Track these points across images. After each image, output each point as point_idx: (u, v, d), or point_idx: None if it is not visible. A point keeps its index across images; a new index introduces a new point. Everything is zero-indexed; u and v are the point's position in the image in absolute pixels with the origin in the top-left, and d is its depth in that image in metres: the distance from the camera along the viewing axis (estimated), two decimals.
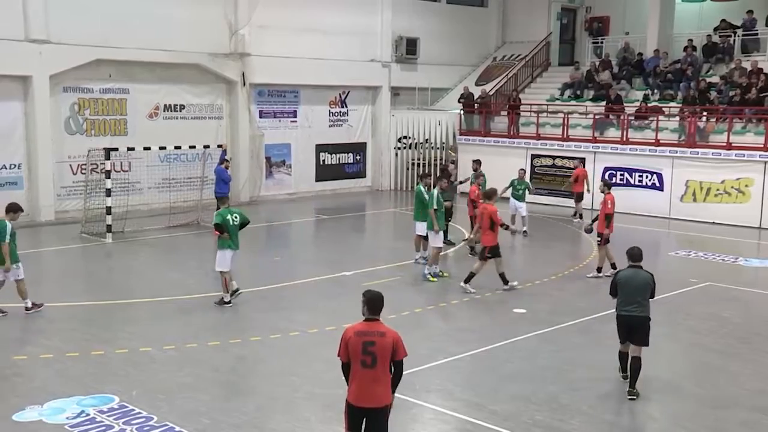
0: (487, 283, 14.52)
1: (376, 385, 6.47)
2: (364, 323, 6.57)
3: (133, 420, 8.30)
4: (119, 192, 19.11)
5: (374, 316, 6.57)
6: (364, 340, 6.45)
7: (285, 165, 25.28)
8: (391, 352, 6.47)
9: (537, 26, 29.64)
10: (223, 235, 12.52)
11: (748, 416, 8.81)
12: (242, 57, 23.11)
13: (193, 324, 11.82)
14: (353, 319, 11.16)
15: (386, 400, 6.54)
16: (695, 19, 28.06)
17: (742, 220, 20.41)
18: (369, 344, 6.44)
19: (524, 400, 9.01)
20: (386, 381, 6.53)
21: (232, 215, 12.68)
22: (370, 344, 6.43)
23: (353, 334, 6.51)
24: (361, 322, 6.60)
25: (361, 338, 6.47)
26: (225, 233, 12.51)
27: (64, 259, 16.62)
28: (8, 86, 19.37)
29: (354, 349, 6.46)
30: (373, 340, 6.44)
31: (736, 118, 21.87)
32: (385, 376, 6.51)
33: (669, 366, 10.68)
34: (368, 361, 6.43)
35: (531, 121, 25.64)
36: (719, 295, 13.99)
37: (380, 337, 6.46)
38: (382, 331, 6.51)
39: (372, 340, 6.44)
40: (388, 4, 26.92)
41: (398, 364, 6.55)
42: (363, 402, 6.50)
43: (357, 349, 6.45)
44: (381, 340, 6.45)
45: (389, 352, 6.46)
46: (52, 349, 10.53)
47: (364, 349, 6.43)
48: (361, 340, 6.46)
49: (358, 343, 6.46)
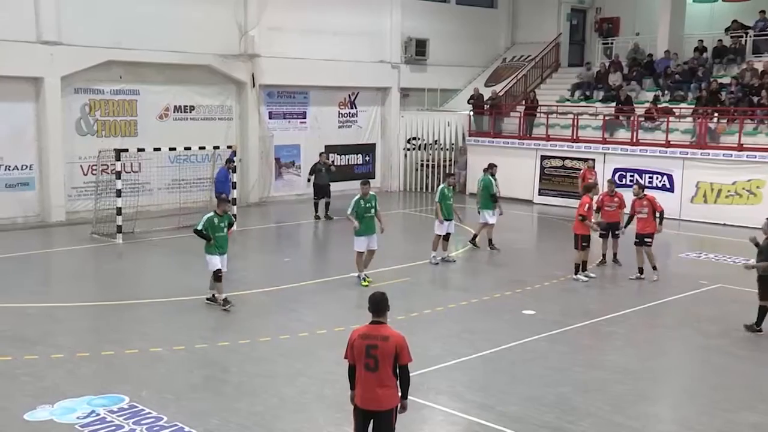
0: (495, 284, 14.50)
1: (379, 388, 6.46)
2: (370, 326, 6.58)
3: (142, 420, 8.33)
4: (129, 193, 19.17)
5: (379, 318, 6.57)
6: (368, 344, 6.46)
7: (294, 166, 25.29)
8: (394, 356, 6.45)
9: (547, 27, 29.53)
10: (209, 242, 12.33)
11: (760, 419, 8.75)
12: (252, 58, 23.15)
13: (202, 324, 11.85)
14: (361, 320, 11.19)
15: (391, 403, 6.51)
16: (706, 19, 27.87)
17: (753, 222, 20.12)
18: (372, 347, 6.44)
19: (534, 402, 8.99)
20: (391, 384, 6.51)
21: (221, 221, 12.44)
22: (373, 347, 6.44)
23: (358, 336, 6.53)
24: (367, 325, 6.62)
25: (364, 341, 6.48)
26: (210, 240, 12.29)
27: (74, 260, 16.68)
28: (20, 87, 19.46)
29: (358, 352, 6.49)
30: (376, 344, 6.44)
31: (747, 119, 21.76)
32: (389, 379, 6.49)
33: (679, 368, 10.65)
34: (371, 365, 6.44)
35: (540, 122, 25.57)
36: (730, 297, 13.91)
37: (383, 341, 6.45)
38: (386, 335, 6.49)
39: (375, 344, 6.44)
40: (397, 5, 26.92)
41: (403, 369, 6.53)
42: (368, 405, 6.52)
43: (361, 352, 6.47)
44: (384, 344, 6.44)
45: (392, 356, 6.44)
46: (62, 349, 10.57)
47: (367, 353, 6.44)
48: (365, 343, 6.47)
49: (362, 347, 6.47)
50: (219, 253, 12.45)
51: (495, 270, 15.94)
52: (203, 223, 12.38)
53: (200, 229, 12.34)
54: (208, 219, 12.41)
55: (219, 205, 12.75)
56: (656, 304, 13.38)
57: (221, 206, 12.73)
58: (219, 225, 12.44)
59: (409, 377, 6.60)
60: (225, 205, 12.90)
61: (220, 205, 12.78)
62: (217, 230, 12.42)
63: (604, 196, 16.03)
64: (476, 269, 15.83)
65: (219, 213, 12.51)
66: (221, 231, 12.48)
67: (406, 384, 6.60)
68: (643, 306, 13.21)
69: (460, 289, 14.28)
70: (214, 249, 12.40)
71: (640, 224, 14.81)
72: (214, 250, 12.40)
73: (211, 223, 12.37)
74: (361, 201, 13.93)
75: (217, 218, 12.44)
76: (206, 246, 12.45)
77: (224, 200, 13.30)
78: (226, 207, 12.88)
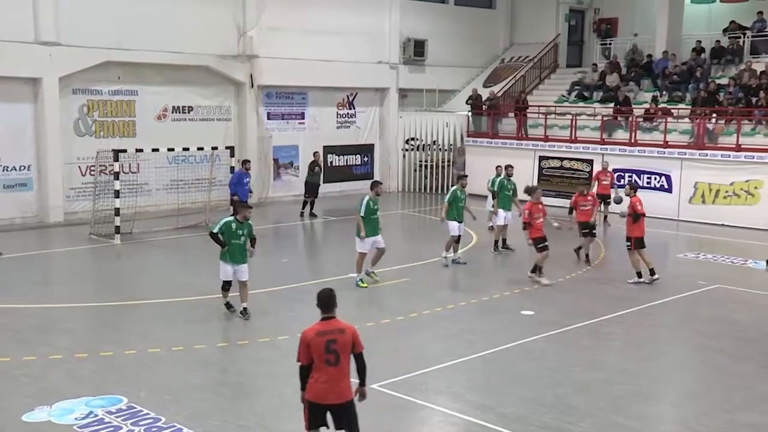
0: (494, 285, 14.51)
1: (341, 381, 6.66)
2: (322, 323, 6.72)
3: (141, 421, 8.31)
4: (128, 193, 19.13)
5: (330, 313, 6.75)
6: (327, 339, 6.60)
7: (293, 167, 25.29)
8: (352, 346, 6.67)
9: (545, 28, 29.57)
10: (223, 248, 11.70)
11: (759, 419, 8.76)
12: (250, 59, 23.15)
13: (201, 325, 11.82)
14: (359, 320, 11.12)
15: (351, 393, 6.74)
16: (705, 20, 27.92)
17: (751, 222, 20.30)
18: (332, 342, 6.60)
19: (533, 402, 8.98)
20: (348, 375, 6.72)
21: (240, 229, 11.68)
22: (332, 342, 6.60)
23: (314, 334, 6.64)
24: (319, 322, 6.74)
25: (323, 338, 6.61)
26: (225, 246, 11.63)
27: (72, 260, 16.66)
28: (18, 88, 19.46)
29: (317, 349, 6.59)
30: (335, 338, 6.61)
31: (745, 120, 21.79)
32: (348, 370, 6.71)
33: (679, 368, 10.65)
34: (332, 359, 6.60)
35: (539, 122, 25.59)
36: (728, 297, 13.92)
37: (341, 334, 6.64)
38: (341, 327, 6.70)
39: (334, 338, 6.61)
40: (396, 5, 26.93)
41: (359, 356, 6.76)
42: (333, 399, 6.65)
43: (320, 349, 6.59)
44: (342, 336, 6.64)
45: (350, 346, 6.66)
46: (61, 349, 10.55)
47: (327, 348, 6.58)
48: (324, 339, 6.60)
49: (321, 343, 6.59)
50: (232, 262, 11.72)
51: (494, 271, 15.93)
52: (220, 226, 11.68)
53: (216, 232, 11.63)
54: (226, 223, 11.65)
55: (239, 211, 11.86)
56: (655, 304, 13.38)
57: (242, 212, 11.80)
58: (236, 232, 11.62)
59: (365, 364, 6.81)
60: (246, 212, 11.84)
61: (240, 211, 11.86)
62: (234, 237, 11.62)
63: (576, 197, 16.51)
64: (475, 270, 15.81)
65: (239, 219, 11.73)
66: (238, 239, 11.64)
67: (364, 371, 6.82)
68: (641, 306, 13.21)
69: (459, 289, 14.26)
70: (226, 256, 11.69)
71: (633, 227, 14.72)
72: (226, 258, 11.71)
73: (228, 228, 11.60)
74: (370, 202, 13.99)
75: (236, 224, 11.64)
76: (220, 252, 11.77)
77: (245, 206, 12.19)
78: (246, 214, 11.81)
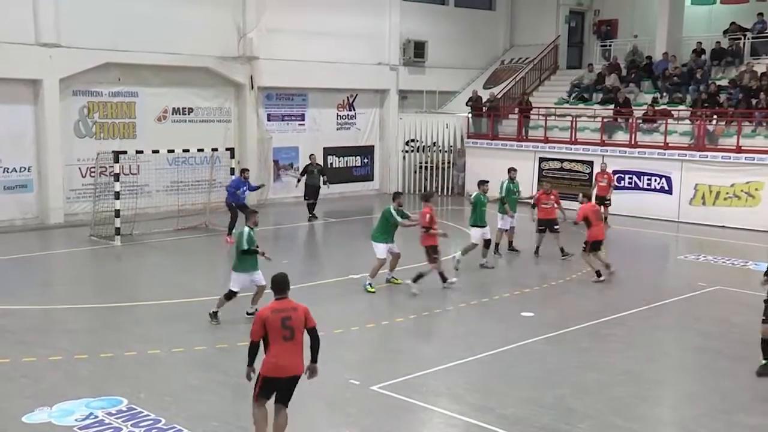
0: (494, 287, 14.51)
1: (296, 355, 7.27)
2: (277, 302, 7.34)
3: (141, 422, 8.32)
4: (128, 195, 19.13)
5: (284, 295, 7.38)
6: (282, 316, 7.20)
7: (293, 168, 25.29)
8: (304, 322, 7.29)
9: (545, 29, 29.56)
10: (260, 255, 11.66)
11: (759, 421, 8.76)
12: (250, 60, 23.16)
13: (201, 326, 11.81)
14: (359, 321, 11.11)
15: (302, 369, 7.36)
16: (705, 21, 27.91)
17: (751, 224, 20.29)
18: (287, 319, 7.21)
19: (533, 404, 8.99)
20: (302, 352, 7.33)
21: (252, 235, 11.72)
22: (287, 319, 7.21)
23: (270, 312, 7.22)
24: (273, 302, 7.36)
25: (278, 315, 7.21)
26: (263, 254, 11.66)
27: (73, 262, 16.66)
28: (19, 90, 19.47)
29: (273, 326, 7.16)
30: (289, 315, 7.23)
31: (745, 122, 21.79)
32: (301, 346, 7.32)
33: (678, 370, 10.65)
34: (288, 335, 7.20)
35: (539, 124, 25.60)
36: (729, 299, 13.92)
37: (294, 312, 7.28)
38: (294, 306, 7.33)
39: (289, 315, 7.23)
40: (396, 7, 26.94)
41: (312, 331, 7.37)
42: (288, 372, 7.24)
43: (276, 325, 7.17)
44: (295, 314, 7.27)
45: (303, 323, 7.29)
46: (61, 351, 10.56)
47: (283, 324, 7.19)
48: (279, 316, 7.20)
49: (277, 320, 7.18)
50: (251, 270, 11.70)
51: (494, 272, 15.92)
52: (247, 240, 11.53)
53: (247, 248, 11.53)
54: (250, 234, 11.61)
55: (250, 218, 11.94)
56: (655, 306, 13.38)
57: (252, 218, 11.91)
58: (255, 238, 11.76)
59: (319, 338, 7.38)
60: (256, 217, 11.99)
61: (250, 217, 11.96)
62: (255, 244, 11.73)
63: (540, 194, 16.86)
64: (475, 271, 15.80)
65: (250, 225, 11.78)
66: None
67: (317, 347, 7.37)
68: (641, 308, 13.21)
69: (458, 291, 14.25)
70: (246, 266, 11.64)
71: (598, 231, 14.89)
72: (246, 267, 11.64)
73: (251, 238, 11.59)
74: (394, 212, 14.24)
75: (253, 232, 11.72)
76: (236, 263, 11.71)
77: (254, 212, 12.25)
78: (256, 219, 11.98)
